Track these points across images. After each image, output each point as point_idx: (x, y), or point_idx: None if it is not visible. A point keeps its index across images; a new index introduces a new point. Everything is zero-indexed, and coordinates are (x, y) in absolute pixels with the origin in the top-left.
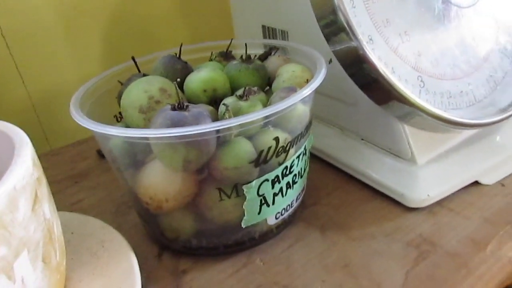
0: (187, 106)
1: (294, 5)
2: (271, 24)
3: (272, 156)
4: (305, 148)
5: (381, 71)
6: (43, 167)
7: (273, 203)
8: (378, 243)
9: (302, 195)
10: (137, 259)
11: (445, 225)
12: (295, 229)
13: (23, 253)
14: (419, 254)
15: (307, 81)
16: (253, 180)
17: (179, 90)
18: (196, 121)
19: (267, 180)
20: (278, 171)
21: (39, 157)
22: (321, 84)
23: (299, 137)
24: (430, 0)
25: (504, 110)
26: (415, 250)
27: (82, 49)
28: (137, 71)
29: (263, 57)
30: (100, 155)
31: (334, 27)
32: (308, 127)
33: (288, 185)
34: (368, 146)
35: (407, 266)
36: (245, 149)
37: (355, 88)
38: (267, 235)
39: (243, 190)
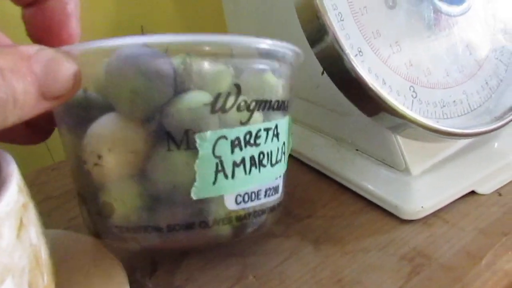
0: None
1: (285, 19)
2: (265, 35)
3: (232, 106)
4: (277, 130)
5: (370, 84)
6: (43, 182)
7: (232, 176)
8: (372, 257)
9: (276, 199)
10: (130, 276)
11: (439, 237)
12: (289, 243)
13: (7, 280)
14: (413, 268)
15: None
16: (208, 131)
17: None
18: (153, 52)
19: (225, 137)
20: (240, 132)
21: (39, 171)
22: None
23: (267, 105)
24: (420, 10)
25: (499, 118)
26: (409, 264)
27: None
28: None
29: None
30: None
31: (321, 41)
32: (280, 105)
33: (253, 162)
34: (363, 157)
35: (401, 281)
36: (202, 94)
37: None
38: (223, 225)
39: (196, 142)
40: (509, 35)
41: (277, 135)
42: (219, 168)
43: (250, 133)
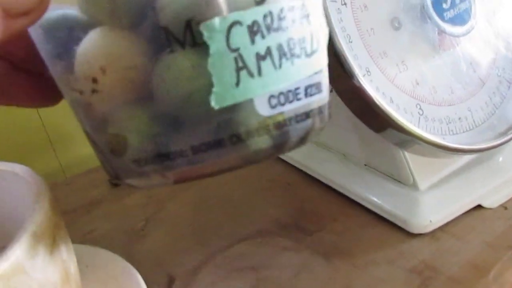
0: None
1: None
2: None
3: None
4: (305, 9)
5: (378, 103)
6: (57, 197)
7: (259, 73)
8: (381, 270)
9: (321, 98)
10: None
11: (447, 250)
12: (300, 257)
13: None
14: (421, 282)
15: None
16: (215, 17)
17: None
18: None
19: (239, 23)
20: (257, 14)
21: (53, 186)
22: None
23: None
24: (424, 31)
25: (503, 133)
26: (418, 277)
27: None
28: None
29: None
30: (112, 184)
31: (330, 61)
32: None
33: (282, 52)
34: (371, 172)
35: None
36: None
37: None
38: (259, 136)
39: (203, 34)
40: (511, 52)
41: (307, 16)
42: (240, 64)
43: (270, 14)
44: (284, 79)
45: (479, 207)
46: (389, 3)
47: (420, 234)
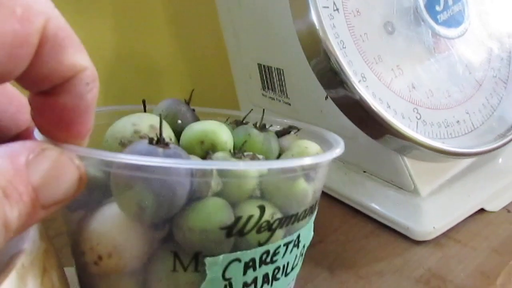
0: (167, 143)
1: (287, 44)
2: (266, 62)
3: (252, 229)
4: (298, 240)
5: (375, 109)
6: (53, 218)
7: None
8: (387, 281)
9: None
10: None
11: (452, 257)
12: (304, 269)
13: None
14: None
15: None
16: (220, 254)
17: (166, 126)
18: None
19: (238, 260)
20: (256, 254)
21: None
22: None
23: (293, 219)
24: (419, 34)
25: (502, 135)
26: (425, 286)
27: None
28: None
29: (280, 134)
30: None
31: (325, 68)
32: (307, 213)
33: (266, 279)
34: (371, 179)
35: None
36: (220, 210)
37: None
38: None
39: (205, 265)
40: (505, 53)
41: (297, 244)
42: None
43: (267, 252)
44: None
45: (482, 211)
46: (382, 7)
47: (424, 241)
